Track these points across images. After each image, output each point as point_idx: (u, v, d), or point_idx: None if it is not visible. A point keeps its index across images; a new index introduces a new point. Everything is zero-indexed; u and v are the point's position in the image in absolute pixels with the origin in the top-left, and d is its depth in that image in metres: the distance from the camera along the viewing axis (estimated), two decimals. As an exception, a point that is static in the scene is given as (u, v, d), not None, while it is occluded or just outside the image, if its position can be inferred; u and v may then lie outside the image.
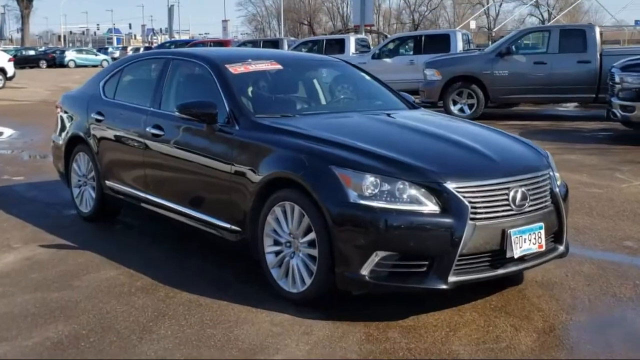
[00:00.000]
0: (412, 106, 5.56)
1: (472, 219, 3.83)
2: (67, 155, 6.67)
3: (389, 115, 5.08)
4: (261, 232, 4.37)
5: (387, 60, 18.70)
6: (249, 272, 4.78)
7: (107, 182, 6.08)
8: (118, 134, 5.87)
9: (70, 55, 56.92)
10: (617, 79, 11.00)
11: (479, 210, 3.87)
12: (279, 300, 4.27)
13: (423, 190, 3.86)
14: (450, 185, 3.86)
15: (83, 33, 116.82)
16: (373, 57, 18.84)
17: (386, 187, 3.86)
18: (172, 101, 5.52)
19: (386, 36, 36.39)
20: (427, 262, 3.84)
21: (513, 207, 3.99)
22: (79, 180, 6.59)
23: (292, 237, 4.22)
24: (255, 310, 4.19)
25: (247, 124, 4.70)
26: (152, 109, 5.55)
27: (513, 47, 14.56)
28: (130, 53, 56.62)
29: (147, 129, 5.44)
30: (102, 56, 57.48)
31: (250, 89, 5.24)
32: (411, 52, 19.36)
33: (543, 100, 15.46)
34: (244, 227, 4.50)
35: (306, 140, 4.30)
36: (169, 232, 5.92)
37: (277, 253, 4.33)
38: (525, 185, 4.11)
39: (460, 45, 18.47)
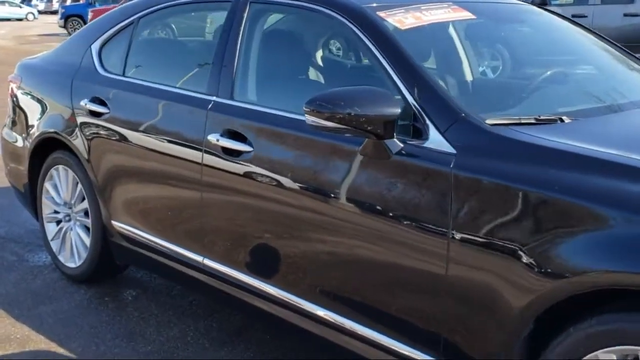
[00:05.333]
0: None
1: None
2: (34, 167, 3.94)
3: None
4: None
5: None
6: None
7: (117, 224, 3.43)
8: (139, 142, 3.19)
9: (-11, 7, 51.87)
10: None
11: None
12: None
13: None
14: None
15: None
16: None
17: None
18: (258, 86, 2.90)
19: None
20: None
21: None
22: (57, 212, 3.88)
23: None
24: None
25: (472, 137, 2.15)
26: (214, 98, 2.90)
27: (548, -2, 12.02)
28: (56, 4, 51.56)
29: (210, 139, 2.80)
30: (26, 8, 52.67)
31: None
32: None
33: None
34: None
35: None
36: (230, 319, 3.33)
37: None
38: None
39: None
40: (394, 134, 2.22)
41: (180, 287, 3.63)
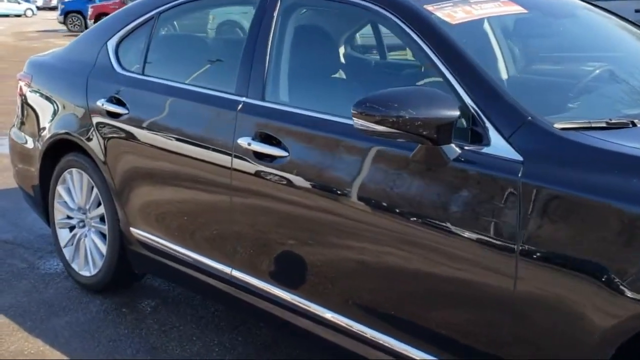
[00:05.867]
0: None
1: None
2: (46, 170, 3.74)
3: None
4: None
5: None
6: None
7: (136, 231, 3.23)
8: (160, 144, 2.99)
9: (-13, 3, 51.53)
10: None
11: None
12: None
13: None
14: None
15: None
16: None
17: None
18: (292, 86, 2.70)
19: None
20: None
21: None
22: (70, 218, 3.69)
23: None
24: None
25: (541, 143, 1.96)
26: (244, 99, 2.70)
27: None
28: (55, 0, 50.92)
29: (241, 142, 2.61)
30: (24, 4, 52.39)
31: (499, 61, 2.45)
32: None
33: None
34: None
35: None
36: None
37: None
38: None
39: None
40: (452, 139, 2.02)
41: (202, 297, 3.44)
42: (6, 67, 13.15)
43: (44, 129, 3.68)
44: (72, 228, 3.71)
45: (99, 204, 3.47)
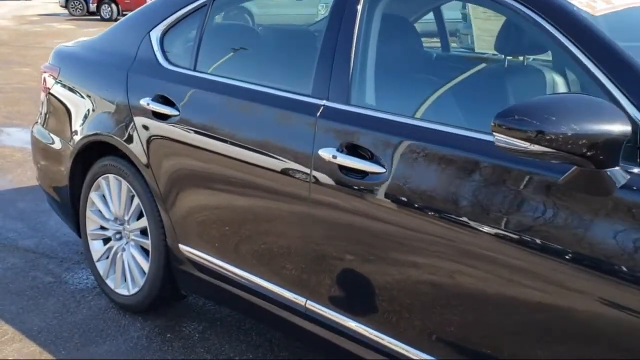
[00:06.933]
0: None
1: None
2: (76, 174, 3.33)
3: None
4: None
5: None
6: None
7: (187, 249, 2.83)
8: (218, 151, 2.58)
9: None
10: None
11: None
12: None
13: None
14: None
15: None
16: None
17: None
18: (385, 89, 2.30)
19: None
20: None
21: None
22: (104, 229, 3.28)
23: None
24: None
25: None
26: (325, 102, 2.28)
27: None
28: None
29: (323, 154, 2.20)
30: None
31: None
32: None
33: None
34: None
35: None
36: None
37: None
38: None
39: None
40: (619, 161, 1.62)
41: (267, 327, 3.04)
42: (10, 52, 12.66)
43: (74, 128, 3.27)
44: (106, 240, 3.30)
45: (141, 215, 3.06)
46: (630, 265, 1.61)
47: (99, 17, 22.17)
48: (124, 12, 21.76)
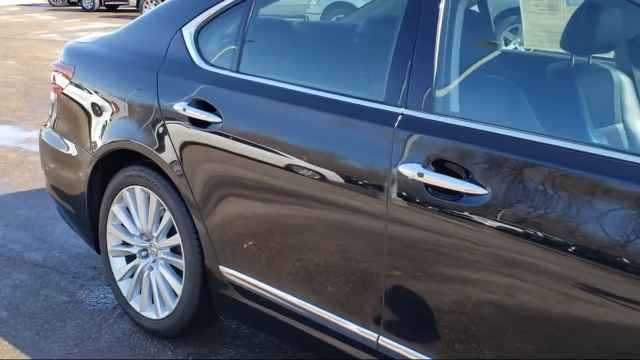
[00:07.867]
0: None
1: None
2: (95, 185, 3.01)
3: None
4: None
5: None
6: None
7: (227, 270, 2.53)
8: (273, 161, 2.28)
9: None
10: None
11: None
12: None
13: None
14: None
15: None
16: None
17: None
18: (475, 92, 2.01)
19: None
20: None
21: None
22: (127, 244, 2.97)
23: None
24: None
25: None
26: (403, 110, 1.99)
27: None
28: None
29: (404, 171, 1.92)
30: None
31: None
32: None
33: None
34: None
35: None
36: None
37: None
38: None
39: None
40: None
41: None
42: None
43: (94, 134, 2.95)
44: (130, 257, 2.99)
45: (172, 232, 2.76)
46: None
47: (80, 8, 21.60)
48: (106, 3, 21.22)
